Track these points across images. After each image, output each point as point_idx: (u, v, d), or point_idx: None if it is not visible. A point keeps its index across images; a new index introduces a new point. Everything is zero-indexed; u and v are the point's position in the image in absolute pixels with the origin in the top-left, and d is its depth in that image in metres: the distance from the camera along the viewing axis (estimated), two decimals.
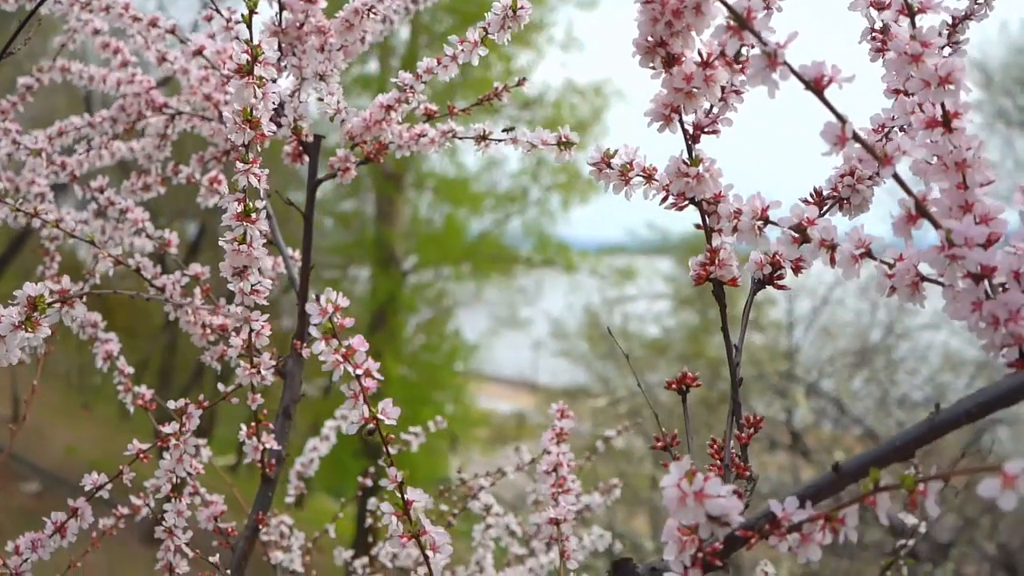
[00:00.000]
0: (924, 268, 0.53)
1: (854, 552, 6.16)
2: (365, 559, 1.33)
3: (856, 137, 0.49)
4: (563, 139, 0.82)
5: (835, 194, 0.66)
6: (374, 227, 11.08)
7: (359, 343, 0.61)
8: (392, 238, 11.02)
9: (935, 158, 0.53)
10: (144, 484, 1.06)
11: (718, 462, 0.63)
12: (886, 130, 0.68)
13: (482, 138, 0.94)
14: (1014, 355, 0.49)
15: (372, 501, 1.17)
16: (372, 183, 11.25)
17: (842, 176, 0.67)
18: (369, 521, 1.37)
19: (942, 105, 0.52)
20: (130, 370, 1.07)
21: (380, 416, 0.61)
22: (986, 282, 0.51)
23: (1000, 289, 0.51)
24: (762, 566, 1.07)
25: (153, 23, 1.07)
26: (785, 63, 0.49)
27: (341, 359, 0.60)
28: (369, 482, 1.39)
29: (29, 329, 0.66)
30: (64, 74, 1.26)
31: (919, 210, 0.50)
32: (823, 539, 0.49)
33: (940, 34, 0.70)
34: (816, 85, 0.49)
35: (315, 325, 0.60)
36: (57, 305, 0.65)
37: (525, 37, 11.11)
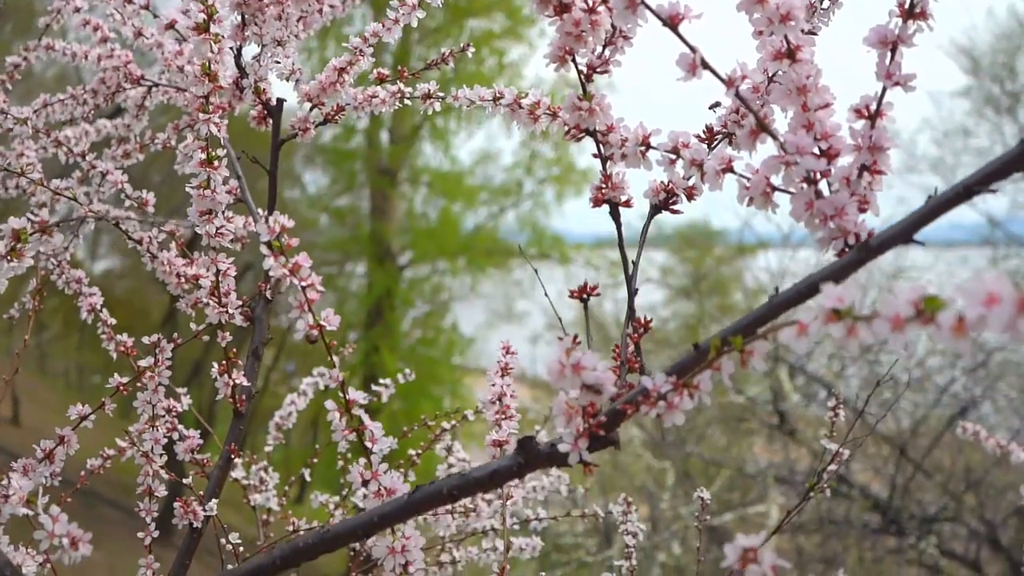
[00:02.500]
0: (775, 181, 0.63)
1: (844, 532, 6.28)
2: (338, 498, 1.43)
3: (704, 64, 0.58)
4: (497, 95, 0.91)
5: (724, 129, 0.75)
6: (369, 223, 11.17)
7: (304, 259, 0.70)
8: (388, 233, 11.10)
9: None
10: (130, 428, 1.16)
11: (617, 362, 0.72)
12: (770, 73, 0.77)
13: (427, 96, 1.03)
14: (840, 246, 0.58)
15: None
16: (367, 179, 11.35)
17: (730, 113, 0.76)
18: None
19: (785, 38, 0.61)
20: (112, 321, 1.16)
21: (323, 323, 0.70)
22: (825, 186, 0.61)
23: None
24: None
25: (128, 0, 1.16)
26: (643, 3, 0.58)
27: (288, 273, 0.69)
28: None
29: (13, 258, 0.75)
30: (49, 52, 1.35)
31: (760, 126, 0.59)
32: (682, 403, 0.58)
33: None
34: (672, 21, 0.58)
35: (264, 243, 0.69)
36: (38, 235, 0.74)
37: (517, 31, 11.21)
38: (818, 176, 0.59)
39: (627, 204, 0.73)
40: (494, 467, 0.66)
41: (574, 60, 0.68)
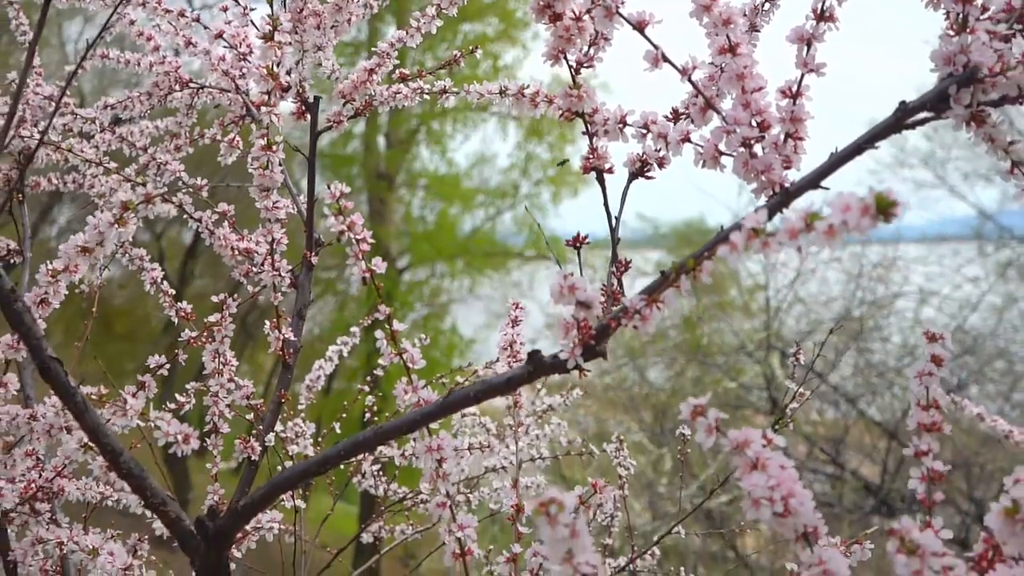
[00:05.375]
0: (721, 147, 0.81)
1: (837, 514, 6.47)
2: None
3: (664, 58, 0.77)
4: (503, 88, 1.10)
5: (686, 110, 0.94)
6: (367, 226, 11.33)
7: (358, 218, 0.89)
8: (386, 237, 11.29)
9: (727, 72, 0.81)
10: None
11: (604, 298, 0.91)
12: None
13: (443, 92, 1.22)
14: (769, 193, 0.77)
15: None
16: (364, 184, 11.55)
17: (690, 97, 0.94)
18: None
19: (728, 38, 0.80)
20: (172, 291, 1.35)
21: (373, 267, 0.89)
22: (760, 149, 0.79)
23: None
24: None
25: (181, 14, 1.35)
26: (618, 12, 0.76)
27: (346, 228, 0.88)
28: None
29: (121, 226, 0.93)
30: (104, 60, 1.54)
31: (707, 105, 0.78)
32: (652, 314, 0.76)
33: None
34: (640, 26, 0.77)
35: (327, 205, 0.87)
36: (144, 204, 0.93)
37: (512, 34, 11.43)
38: (753, 142, 0.78)
39: (609, 171, 0.91)
40: (509, 375, 0.84)
41: (565, 58, 0.86)
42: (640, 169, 0.92)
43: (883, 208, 0.55)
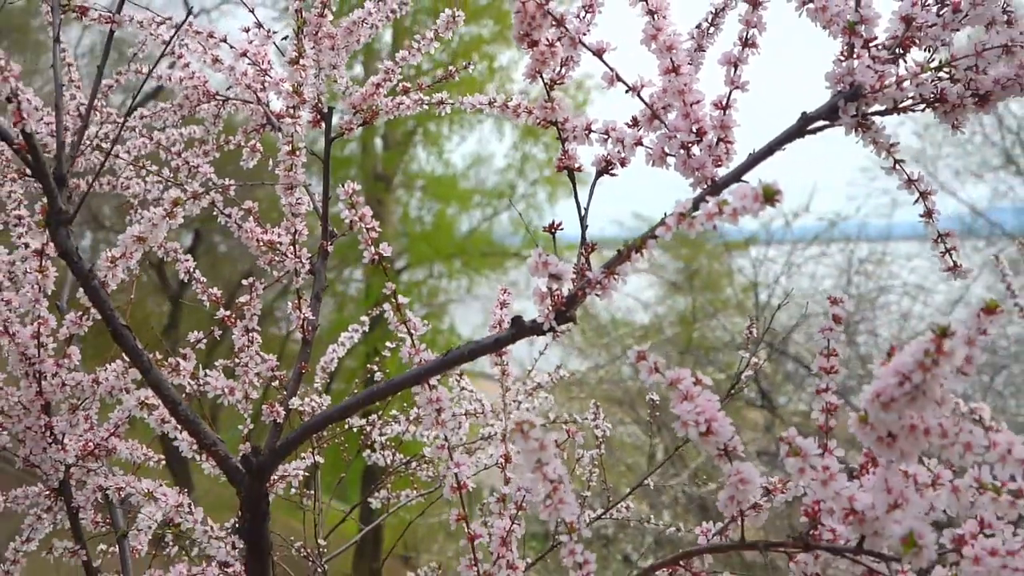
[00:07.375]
0: (667, 149, 1.00)
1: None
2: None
3: (618, 78, 0.96)
4: (491, 100, 1.28)
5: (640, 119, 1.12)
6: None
7: (367, 211, 1.07)
8: (384, 237, 11.46)
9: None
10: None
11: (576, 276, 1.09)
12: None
13: (440, 103, 1.40)
14: (704, 186, 0.96)
15: None
16: (362, 185, 11.71)
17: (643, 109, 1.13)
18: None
19: (671, 60, 0.98)
20: (204, 280, 1.53)
21: (381, 251, 1.07)
22: (696, 149, 0.98)
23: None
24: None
25: (210, 35, 1.53)
26: (581, 41, 0.95)
27: (358, 219, 1.07)
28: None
29: (171, 218, 1.12)
30: (138, 75, 1.72)
31: (653, 115, 0.97)
32: (611, 285, 0.95)
33: (706, 19, 1.16)
34: (598, 52, 0.96)
35: (341, 200, 1.06)
36: (191, 200, 1.11)
37: (507, 36, 11.61)
38: (690, 145, 0.96)
39: (579, 169, 1.10)
40: (496, 336, 1.03)
41: (542, 76, 1.05)
42: (605, 168, 1.11)
43: (769, 196, 0.73)
